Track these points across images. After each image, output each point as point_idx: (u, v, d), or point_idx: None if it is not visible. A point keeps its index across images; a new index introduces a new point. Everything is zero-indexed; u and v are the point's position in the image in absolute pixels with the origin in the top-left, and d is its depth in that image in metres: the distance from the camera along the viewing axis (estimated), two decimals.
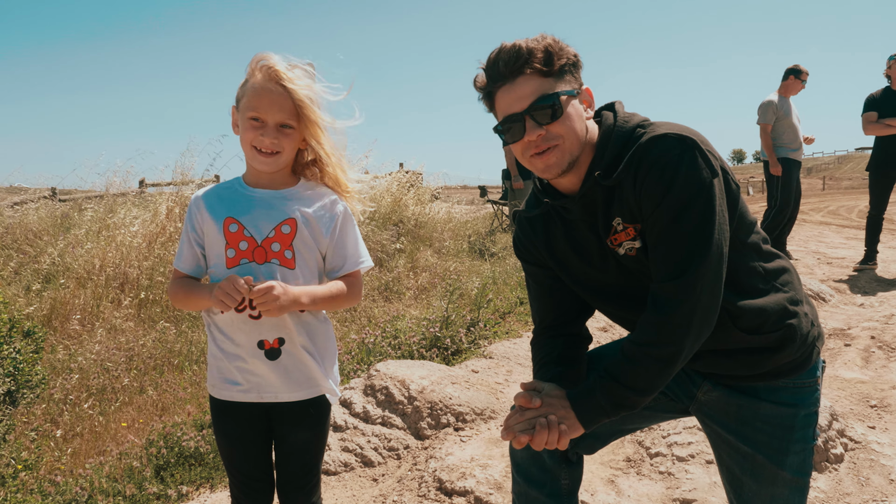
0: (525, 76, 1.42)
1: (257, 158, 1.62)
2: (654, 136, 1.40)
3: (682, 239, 1.37)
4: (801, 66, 6.91)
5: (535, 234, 1.65)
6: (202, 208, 1.69)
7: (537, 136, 1.43)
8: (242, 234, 1.64)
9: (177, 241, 6.13)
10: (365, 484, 2.89)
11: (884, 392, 3.49)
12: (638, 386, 1.41)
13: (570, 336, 1.69)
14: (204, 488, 2.84)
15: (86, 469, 2.86)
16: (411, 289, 6.18)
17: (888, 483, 2.63)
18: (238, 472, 1.75)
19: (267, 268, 1.64)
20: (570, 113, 1.44)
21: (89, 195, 9.53)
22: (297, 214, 1.67)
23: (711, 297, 1.38)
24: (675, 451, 2.76)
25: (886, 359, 4.09)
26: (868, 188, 6.69)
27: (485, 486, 2.63)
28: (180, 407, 3.54)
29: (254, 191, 1.69)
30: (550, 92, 1.42)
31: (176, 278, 1.72)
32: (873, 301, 5.51)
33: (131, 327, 4.80)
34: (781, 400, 1.55)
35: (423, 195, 8.46)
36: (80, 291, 5.26)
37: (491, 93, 1.49)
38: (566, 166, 1.47)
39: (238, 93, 1.64)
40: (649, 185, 1.38)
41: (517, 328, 4.96)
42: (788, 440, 1.54)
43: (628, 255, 1.49)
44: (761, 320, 1.48)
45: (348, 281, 1.74)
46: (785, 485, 1.56)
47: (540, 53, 1.41)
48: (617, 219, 1.47)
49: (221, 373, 1.69)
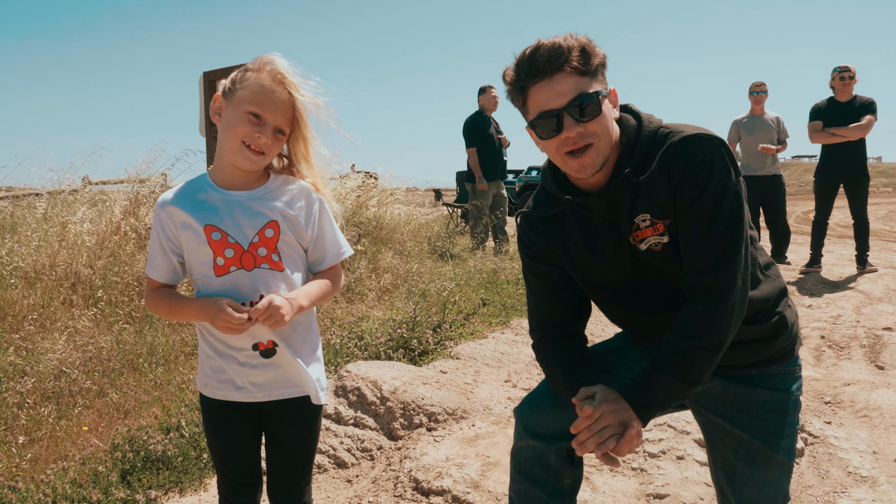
0: (564, 73, 1.45)
1: (244, 153, 1.58)
2: (687, 136, 1.48)
3: (718, 234, 1.46)
4: (755, 81, 7.23)
5: (550, 232, 1.67)
6: (175, 216, 1.62)
7: (576, 132, 1.46)
8: (227, 242, 1.60)
9: (131, 240, 5.96)
10: (339, 485, 2.87)
11: (836, 389, 3.65)
12: (691, 377, 1.48)
13: (575, 337, 1.72)
14: (173, 492, 2.77)
15: (48, 475, 2.76)
16: (374, 290, 6.15)
17: (846, 475, 2.75)
18: (228, 469, 1.73)
19: (258, 273, 1.61)
20: (605, 112, 1.50)
21: (26, 192, 9.15)
22: (278, 215, 1.64)
23: (745, 287, 1.48)
24: (647, 448, 2.83)
25: (836, 357, 4.28)
26: (813, 194, 7.00)
27: (462, 485, 2.64)
28: (145, 410, 3.44)
29: (229, 193, 1.64)
30: (589, 90, 1.46)
31: (153, 288, 1.68)
32: (820, 302, 5.76)
33: (87, 328, 4.64)
34: (774, 386, 1.65)
35: (384, 197, 8.43)
36: (29, 291, 5.06)
37: (525, 87, 1.50)
38: (600, 166, 1.51)
39: (233, 84, 1.60)
40: (686, 183, 1.46)
41: (481, 329, 5.00)
42: (782, 423, 1.65)
43: (652, 250, 1.54)
44: (759, 308, 1.58)
45: (331, 273, 1.75)
46: (777, 467, 1.66)
47: (577, 52, 1.45)
48: (643, 215, 1.53)
49: (215, 372, 1.66)
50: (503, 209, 8.22)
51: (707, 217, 1.46)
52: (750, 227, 1.59)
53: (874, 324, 4.96)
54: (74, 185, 8.59)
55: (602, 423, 1.45)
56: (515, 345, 4.59)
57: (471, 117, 7.95)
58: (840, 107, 6.54)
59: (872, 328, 4.81)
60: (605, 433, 1.45)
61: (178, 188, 1.69)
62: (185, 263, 1.68)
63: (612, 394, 1.50)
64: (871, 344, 4.45)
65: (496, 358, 4.31)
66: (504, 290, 6.03)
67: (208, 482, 2.84)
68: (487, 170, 7.94)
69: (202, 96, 6.56)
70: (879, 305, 5.54)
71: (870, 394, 3.52)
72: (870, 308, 5.47)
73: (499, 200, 8.20)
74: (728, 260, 1.45)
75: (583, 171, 1.51)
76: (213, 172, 1.68)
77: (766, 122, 7.16)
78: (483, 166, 7.90)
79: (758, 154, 7.07)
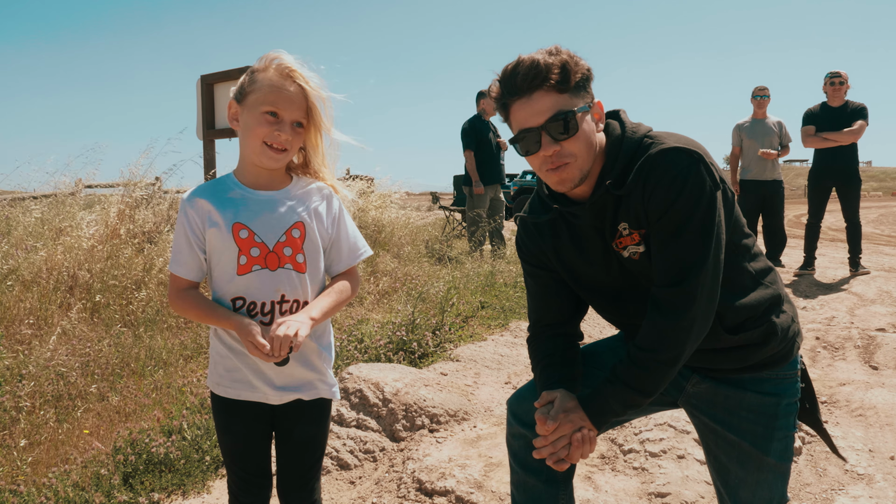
0: (542, 91, 1.46)
1: (267, 154, 1.60)
2: (664, 149, 1.48)
3: (683, 248, 1.46)
4: (758, 86, 7.28)
5: (543, 238, 1.72)
6: (202, 212, 1.63)
7: (553, 151, 1.49)
8: (253, 241, 1.61)
9: (129, 244, 5.94)
10: (342, 487, 2.88)
11: (832, 389, 3.69)
12: (645, 389, 1.52)
13: (567, 335, 1.77)
14: (176, 495, 2.78)
15: (49, 478, 2.76)
16: (372, 293, 6.16)
17: (843, 473, 2.79)
18: (240, 469, 1.73)
19: (281, 274, 1.62)
20: (584, 129, 1.51)
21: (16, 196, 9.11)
22: (304, 216, 1.66)
23: (709, 302, 1.49)
24: (648, 448, 2.86)
25: (832, 358, 4.32)
26: (806, 198, 7.07)
27: (465, 485, 2.66)
28: (146, 413, 3.44)
29: (256, 193, 1.66)
30: (566, 109, 1.47)
31: (181, 289, 1.67)
32: (814, 304, 5.81)
33: (85, 332, 4.63)
34: (765, 390, 1.65)
35: (383, 200, 8.46)
36: (26, 295, 5.05)
37: (507, 104, 1.53)
38: (578, 182, 1.54)
39: (243, 88, 1.62)
40: (657, 195, 1.47)
41: (480, 332, 5.02)
42: (772, 428, 1.65)
43: (632, 258, 1.58)
44: (745, 317, 1.58)
45: (347, 277, 1.76)
46: (769, 470, 1.66)
47: (556, 69, 1.45)
48: (623, 224, 1.55)
49: (229, 371, 1.67)
50: (501, 213, 8.25)
51: (674, 230, 1.46)
52: (744, 236, 1.61)
53: (868, 325, 5.01)
54: (70, 189, 8.56)
55: (557, 434, 1.53)
56: (514, 347, 4.61)
57: (469, 121, 7.98)
58: (833, 112, 6.61)
59: (866, 329, 4.86)
60: (559, 444, 1.52)
61: (203, 185, 1.69)
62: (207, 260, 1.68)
63: (571, 402, 1.57)
64: (864, 345, 4.50)
65: (496, 360, 4.33)
66: (502, 293, 6.05)
67: (211, 485, 2.84)
68: (485, 174, 7.97)
69: (199, 100, 6.57)
70: (872, 307, 5.59)
71: (865, 393, 3.56)
72: (863, 309, 5.52)
73: (496, 204, 8.23)
74: (691, 275, 1.45)
75: (562, 185, 1.54)
76: (238, 173, 1.70)
77: (769, 126, 7.20)
78: (480, 170, 7.93)
79: (759, 158, 7.11)
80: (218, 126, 6.50)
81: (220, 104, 6.39)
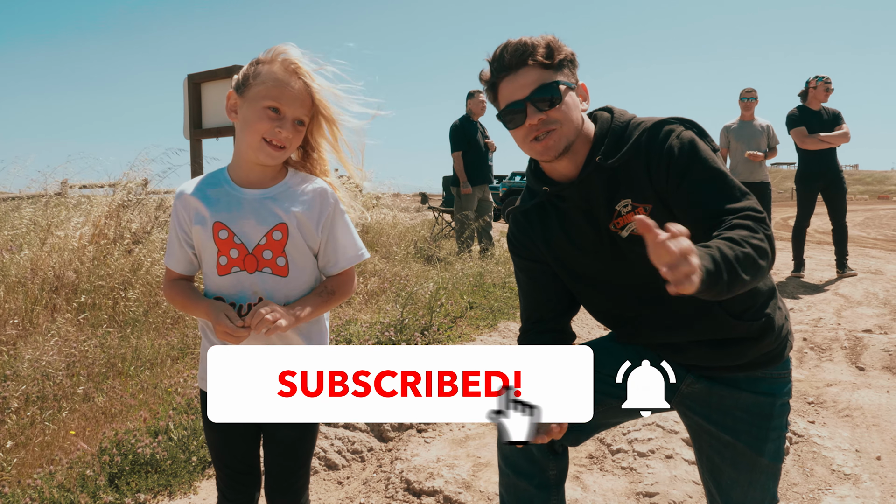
0: (528, 67, 1.54)
1: (265, 150, 1.55)
2: (661, 120, 1.57)
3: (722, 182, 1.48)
4: (746, 88, 7.33)
5: (532, 226, 1.74)
6: (189, 208, 1.62)
7: (538, 120, 1.54)
8: (233, 242, 1.58)
9: (116, 245, 5.90)
10: (330, 487, 2.87)
11: (819, 389, 3.71)
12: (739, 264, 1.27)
13: (557, 332, 1.77)
14: (162, 496, 2.76)
15: (34, 479, 2.73)
16: (361, 293, 6.14)
17: (830, 473, 2.80)
18: (226, 466, 1.72)
19: (258, 277, 1.59)
20: (568, 101, 1.57)
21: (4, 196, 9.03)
22: (288, 218, 1.59)
23: None
24: (636, 448, 2.86)
25: (818, 359, 4.35)
26: (795, 200, 7.13)
27: (453, 485, 2.65)
28: (132, 413, 3.41)
29: (243, 191, 1.61)
30: (550, 81, 1.54)
31: (171, 280, 1.68)
32: (801, 306, 5.85)
33: (71, 332, 4.58)
34: (760, 390, 1.65)
35: (370, 201, 8.43)
36: (11, 296, 4.99)
37: (495, 83, 1.60)
38: (562, 149, 1.57)
39: (246, 79, 1.57)
40: (673, 157, 1.51)
41: (469, 332, 5.02)
42: (767, 428, 1.65)
43: (634, 235, 1.57)
44: (748, 304, 1.59)
45: (340, 279, 1.70)
46: (762, 471, 1.66)
47: (542, 48, 1.54)
48: (624, 201, 1.57)
49: None
50: (489, 214, 8.25)
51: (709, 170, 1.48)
52: None
53: (854, 326, 5.05)
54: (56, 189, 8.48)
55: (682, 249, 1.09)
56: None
57: (458, 121, 7.98)
58: (816, 115, 6.70)
59: (853, 331, 4.90)
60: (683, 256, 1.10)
61: (197, 180, 1.67)
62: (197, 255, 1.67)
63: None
64: (851, 346, 4.54)
65: None
66: (491, 293, 6.05)
67: (198, 485, 2.82)
68: (473, 174, 7.97)
69: (186, 99, 6.53)
70: (859, 308, 5.64)
71: (851, 394, 3.58)
72: (850, 311, 5.57)
73: (484, 205, 8.23)
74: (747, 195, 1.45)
75: (546, 152, 1.57)
76: (231, 168, 1.66)
77: (756, 128, 7.23)
78: (468, 171, 7.93)
79: (746, 160, 7.14)
80: (205, 125, 6.46)
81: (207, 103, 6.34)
